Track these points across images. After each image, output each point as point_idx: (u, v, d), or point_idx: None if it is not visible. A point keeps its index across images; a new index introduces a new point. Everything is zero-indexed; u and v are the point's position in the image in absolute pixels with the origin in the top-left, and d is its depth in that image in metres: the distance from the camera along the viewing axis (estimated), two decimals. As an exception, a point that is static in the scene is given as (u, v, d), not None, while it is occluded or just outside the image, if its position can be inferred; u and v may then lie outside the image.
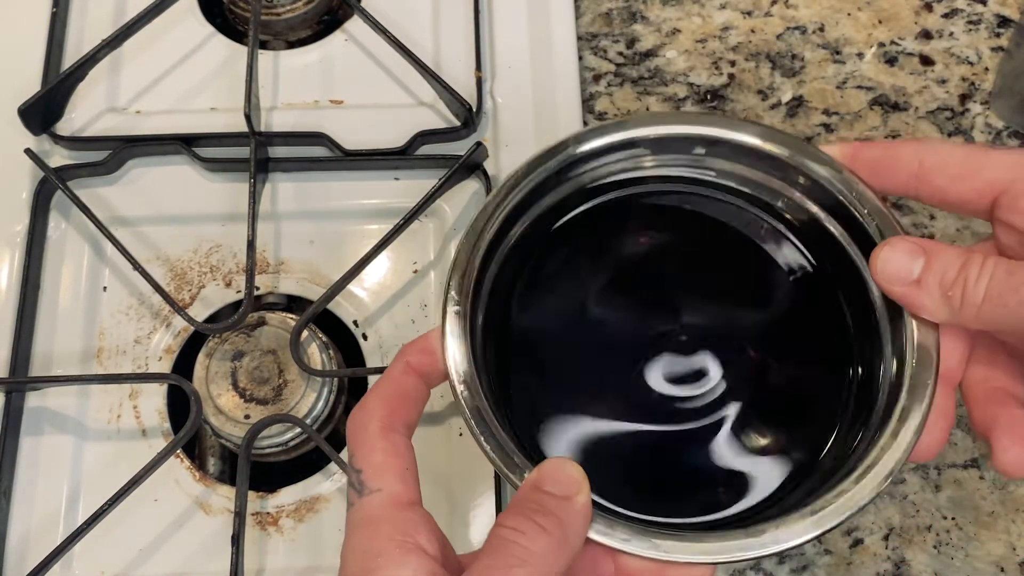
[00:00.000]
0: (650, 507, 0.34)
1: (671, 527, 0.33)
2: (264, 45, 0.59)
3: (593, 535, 0.32)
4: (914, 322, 0.34)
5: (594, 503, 0.32)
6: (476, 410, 0.33)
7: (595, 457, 0.34)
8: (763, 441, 0.36)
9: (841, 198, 0.36)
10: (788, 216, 0.38)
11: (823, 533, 0.31)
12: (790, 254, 0.38)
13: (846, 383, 0.37)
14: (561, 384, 0.37)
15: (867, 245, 0.35)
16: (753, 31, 0.59)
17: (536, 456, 0.34)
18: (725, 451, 0.36)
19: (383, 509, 0.32)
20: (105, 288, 0.53)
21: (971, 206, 0.35)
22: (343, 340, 0.52)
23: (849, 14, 0.59)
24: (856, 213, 0.36)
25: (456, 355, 0.34)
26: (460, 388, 0.33)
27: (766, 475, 0.36)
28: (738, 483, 0.36)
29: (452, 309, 0.34)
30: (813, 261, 0.38)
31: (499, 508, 0.47)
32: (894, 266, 0.34)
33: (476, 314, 0.35)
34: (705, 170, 0.38)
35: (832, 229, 0.37)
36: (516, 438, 0.34)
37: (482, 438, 0.33)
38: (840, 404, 0.36)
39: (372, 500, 0.32)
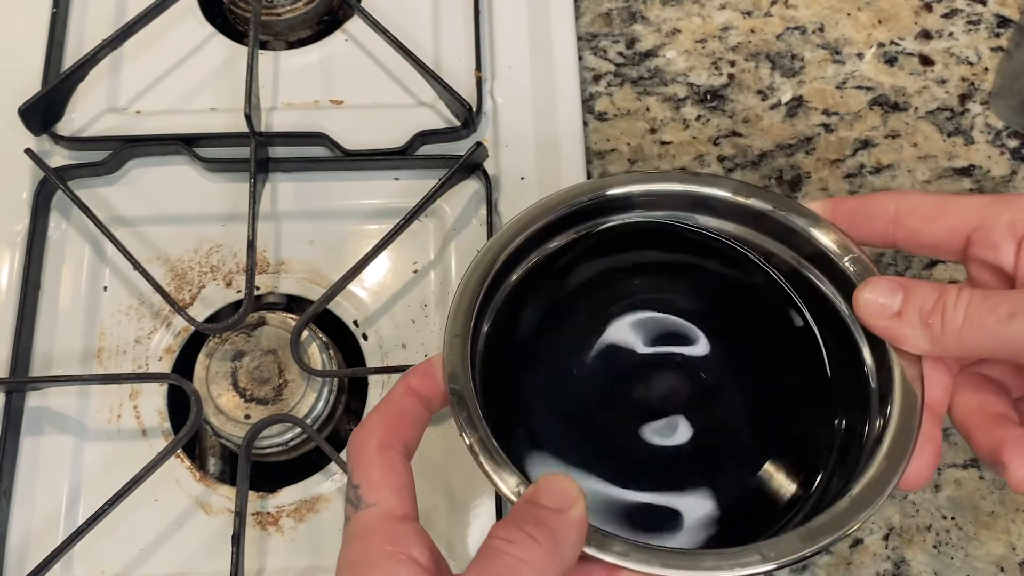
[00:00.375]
0: (643, 537, 0.35)
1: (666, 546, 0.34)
2: (264, 45, 0.59)
3: (589, 550, 0.32)
4: (897, 356, 0.36)
5: (590, 523, 0.32)
6: (476, 434, 0.34)
7: (588, 483, 0.35)
8: (758, 474, 0.38)
9: (821, 248, 0.38)
10: (772, 265, 0.40)
11: (815, 552, 0.33)
12: (778, 301, 0.40)
13: (836, 418, 0.38)
14: (558, 412, 0.39)
15: (848, 289, 0.37)
16: (753, 31, 0.59)
17: (533, 478, 0.35)
18: (721, 483, 0.37)
19: (377, 522, 0.32)
20: (105, 288, 0.53)
21: (945, 247, 0.37)
22: (343, 340, 0.52)
23: (849, 14, 0.59)
24: (836, 260, 0.38)
25: (456, 380, 0.35)
26: (460, 413, 0.34)
27: (762, 506, 0.37)
28: (735, 512, 0.37)
29: (454, 337, 0.36)
30: (799, 306, 0.40)
31: (498, 508, 0.47)
32: (876, 302, 0.36)
33: (477, 343, 0.37)
34: (695, 222, 0.40)
35: (813, 277, 0.39)
36: (514, 460, 0.34)
37: (481, 459, 0.34)
38: (831, 438, 0.38)
39: (367, 514, 0.33)
